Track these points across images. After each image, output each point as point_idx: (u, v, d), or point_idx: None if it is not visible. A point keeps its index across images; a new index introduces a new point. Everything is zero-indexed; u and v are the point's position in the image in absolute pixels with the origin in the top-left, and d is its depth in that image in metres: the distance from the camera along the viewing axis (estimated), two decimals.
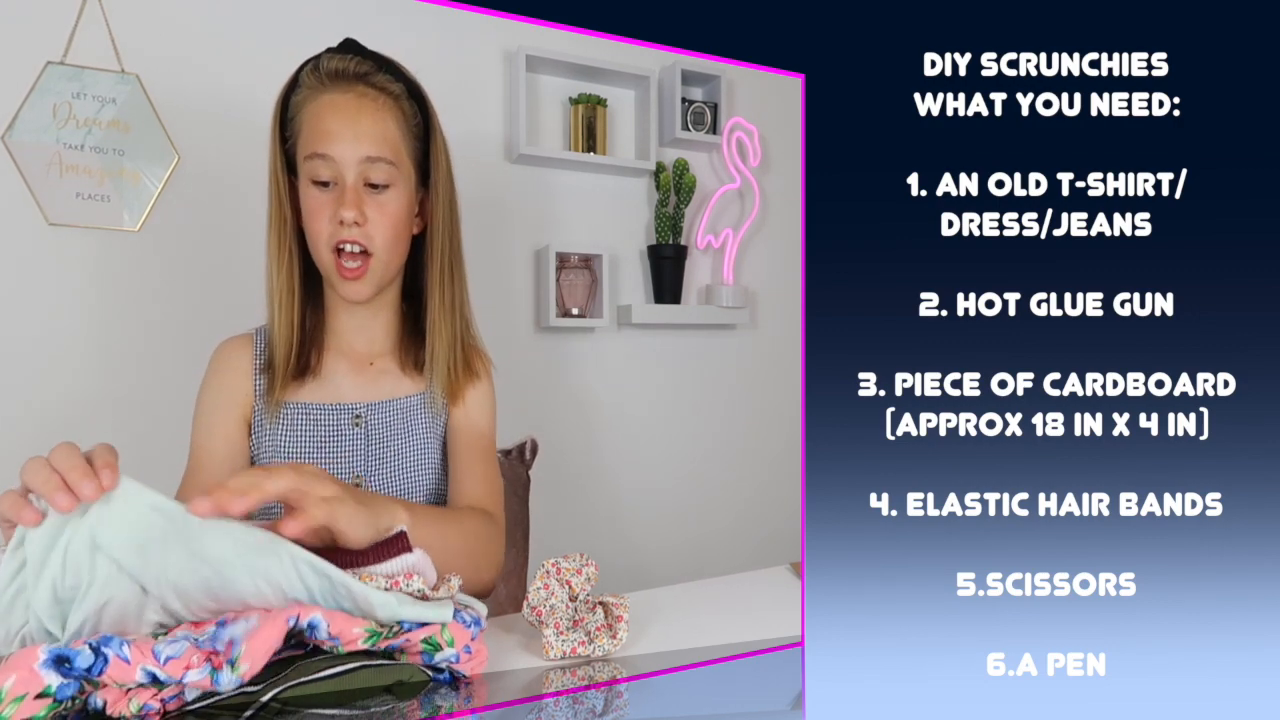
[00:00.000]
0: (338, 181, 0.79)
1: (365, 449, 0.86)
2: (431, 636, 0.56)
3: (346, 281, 0.81)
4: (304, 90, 0.81)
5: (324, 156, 0.79)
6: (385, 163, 0.80)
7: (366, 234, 0.80)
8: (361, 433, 0.86)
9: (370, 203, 0.80)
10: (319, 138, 0.79)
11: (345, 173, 0.79)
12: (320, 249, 0.81)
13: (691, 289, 2.02)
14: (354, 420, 0.86)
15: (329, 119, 0.79)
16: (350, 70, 0.80)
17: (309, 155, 0.79)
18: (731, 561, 2.05)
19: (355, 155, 0.79)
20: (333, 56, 0.81)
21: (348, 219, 0.78)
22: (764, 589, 0.86)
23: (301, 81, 0.81)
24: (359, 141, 0.79)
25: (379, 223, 0.81)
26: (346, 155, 0.79)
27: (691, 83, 1.96)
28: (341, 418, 0.86)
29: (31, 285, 1.38)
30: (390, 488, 0.86)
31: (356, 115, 0.79)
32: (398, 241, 0.84)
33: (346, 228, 0.79)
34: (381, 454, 0.86)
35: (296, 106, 0.81)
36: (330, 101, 0.79)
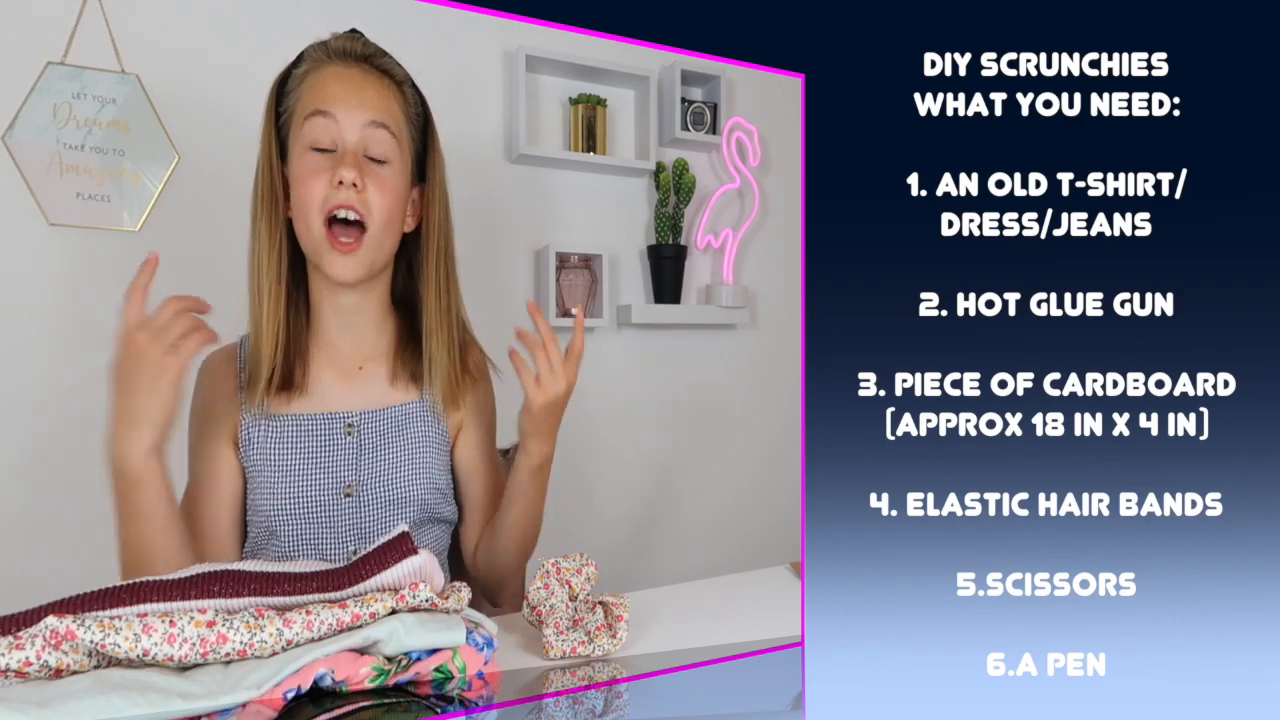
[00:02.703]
0: (337, 146, 0.76)
1: (358, 458, 0.83)
2: (443, 665, 0.55)
3: (337, 255, 0.76)
4: (307, 64, 0.79)
5: (326, 114, 0.75)
6: (388, 132, 0.78)
7: (364, 201, 0.76)
8: (354, 441, 0.83)
9: (370, 173, 0.77)
10: (322, 99, 0.76)
11: (346, 136, 0.76)
12: (311, 217, 0.76)
13: (691, 289, 2.02)
14: (346, 429, 0.83)
15: (333, 85, 0.77)
16: (357, 50, 0.79)
17: (309, 114, 0.76)
18: (731, 562, 2.05)
19: (360, 119, 0.76)
20: (339, 37, 0.80)
21: (347, 179, 0.74)
22: (764, 589, 0.86)
23: (305, 56, 0.79)
24: (363, 108, 0.77)
25: (378, 195, 0.77)
26: (350, 118, 0.76)
27: (691, 83, 1.96)
28: (334, 427, 0.83)
29: (31, 285, 1.38)
30: (383, 497, 0.83)
31: (362, 85, 0.78)
32: (393, 221, 0.80)
33: (345, 190, 0.75)
34: (374, 463, 0.83)
35: (297, 80, 0.79)
36: (335, 71, 0.78)
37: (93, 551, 1.41)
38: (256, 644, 0.51)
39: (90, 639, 0.47)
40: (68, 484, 1.40)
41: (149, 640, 0.49)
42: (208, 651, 0.50)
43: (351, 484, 0.82)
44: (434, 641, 0.54)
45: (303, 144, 0.77)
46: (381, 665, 0.53)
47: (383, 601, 0.54)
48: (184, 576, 0.54)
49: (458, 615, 0.58)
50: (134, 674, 0.48)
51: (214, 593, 0.53)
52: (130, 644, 0.48)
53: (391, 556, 0.56)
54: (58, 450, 1.40)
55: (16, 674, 0.47)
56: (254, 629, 0.51)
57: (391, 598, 0.55)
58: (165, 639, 0.49)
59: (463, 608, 0.58)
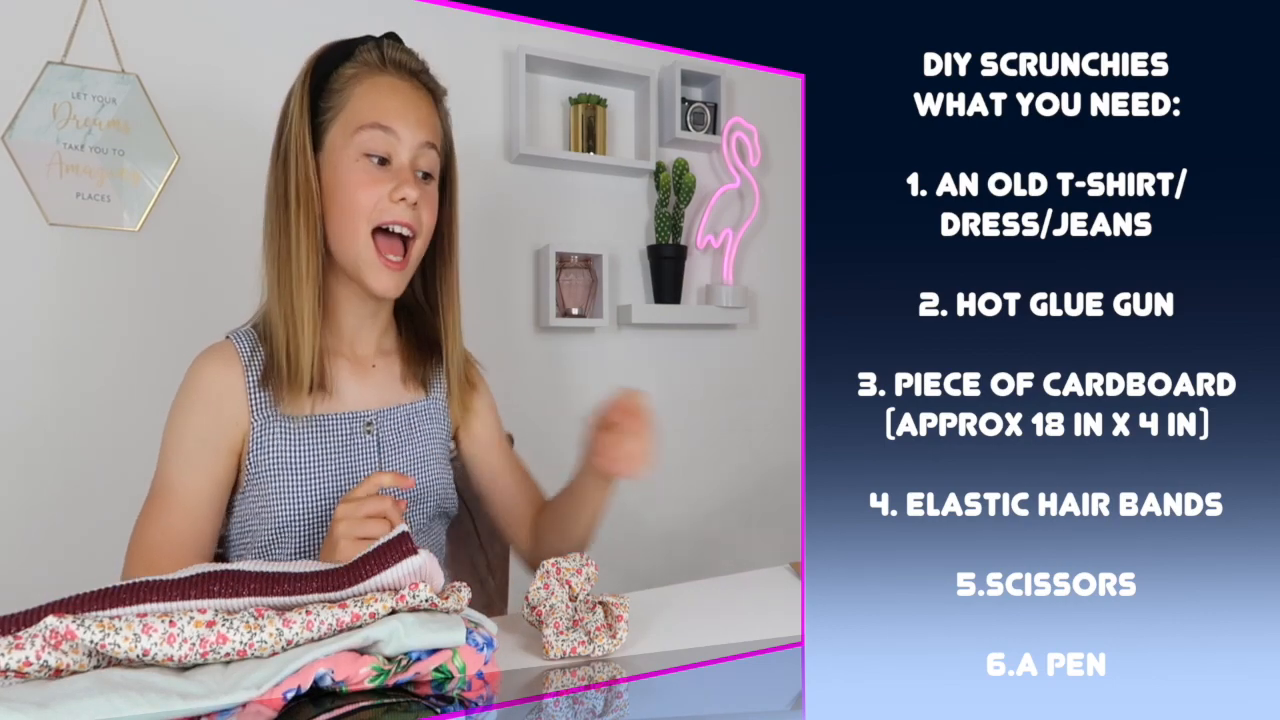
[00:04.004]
0: (392, 159, 0.77)
1: (379, 457, 0.83)
2: (443, 665, 0.55)
3: (385, 270, 0.77)
4: (359, 65, 0.78)
5: (387, 129, 0.76)
6: (436, 152, 0.80)
7: (418, 219, 0.78)
8: (373, 440, 0.83)
9: (422, 190, 0.79)
10: (382, 112, 0.76)
11: (403, 151, 0.77)
12: (359, 227, 0.76)
13: (691, 289, 2.01)
14: (365, 428, 0.83)
15: (392, 99, 0.78)
16: (411, 64, 0.81)
17: (366, 125, 0.76)
18: (731, 561, 2.05)
19: (416, 139, 0.78)
20: (391, 45, 0.81)
21: (410, 197, 0.76)
22: (764, 589, 0.86)
23: (358, 56, 0.79)
24: (420, 127, 0.78)
25: (427, 212, 0.79)
26: (409, 136, 0.77)
27: (691, 83, 1.96)
28: (353, 426, 0.83)
29: (31, 285, 1.38)
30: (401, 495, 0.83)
31: (418, 102, 0.80)
32: (430, 235, 0.82)
33: (404, 207, 0.76)
34: (394, 461, 0.84)
35: (347, 79, 0.78)
36: (392, 84, 0.79)
37: (93, 551, 1.41)
38: (256, 644, 0.51)
39: (90, 639, 0.47)
40: (67, 484, 1.40)
41: (149, 640, 0.49)
42: (207, 651, 0.50)
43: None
44: (434, 641, 0.54)
45: (354, 150, 0.76)
46: (381, 665, 0.53)
47: (383, 601, 0.54)
48: (184, 576, 0.54)
49: (458, 615, 0.57)
50: (134, 674, 0.48)
51: (214, 593, 0.53)
52: (130, 644, 0.48)
53: (391, 556, 0.56)
54: (57, 450, 1.40)
55: (16, 674, 0.47)
56: (254, 629, 0.51)
57: (391, 598, 0.55)
58: (165, 639, 0.49)
59: (463, 608, 0.58)
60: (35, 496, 1.38)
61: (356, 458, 0.82)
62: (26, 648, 0.47)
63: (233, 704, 0.48)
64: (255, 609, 0.53)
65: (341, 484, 0.81)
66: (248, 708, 0.48)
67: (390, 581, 0.56)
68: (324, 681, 0.51)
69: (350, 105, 0.77)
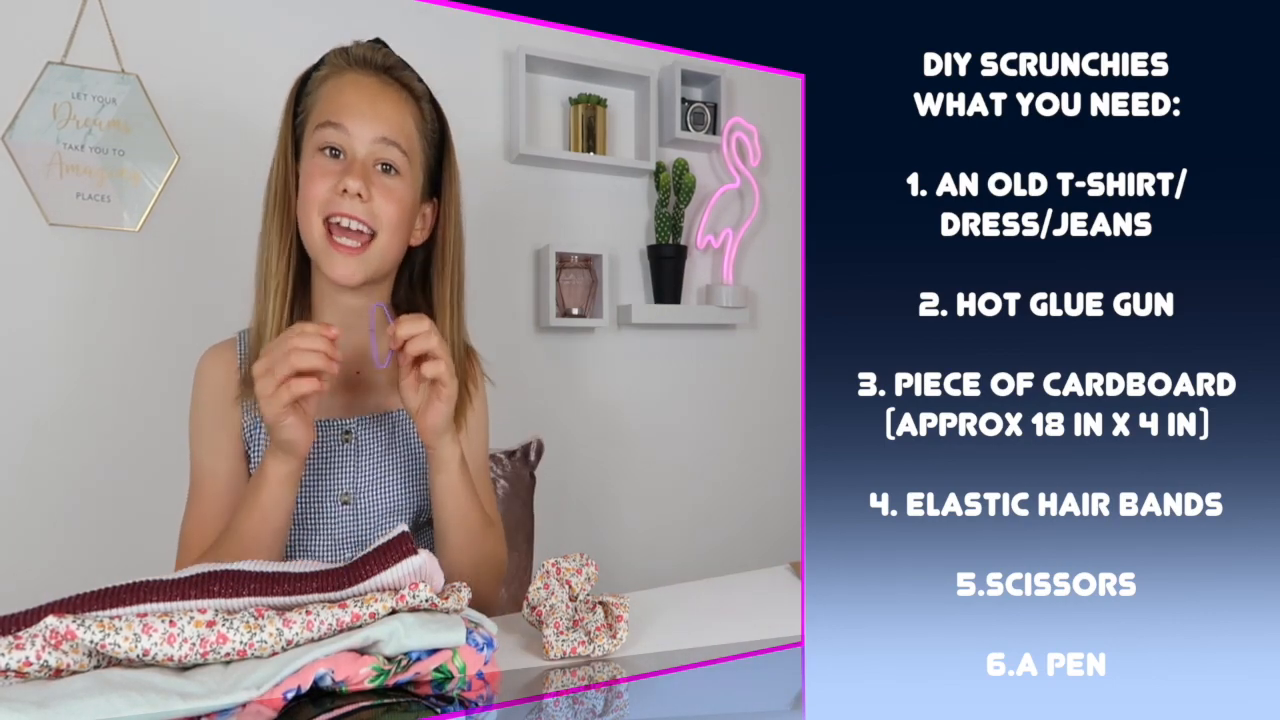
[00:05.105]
0: (346, 153, 0.76)
1: (355, 466, 0.81)
2: (443, 665, 0.55)
3: (338, 256, 0.75)
4: (327, 68, 0.79)
5: (337, 126, 0.76)
6: (399, 150, 0.78)
7: (371, 212, 0.76)
8: (351, 449, 0.82)
9: (378, 183, 0.77)
10: (335, 108, 0.76)
11: (356, 147, 0.76)
12: (312, 217, 0.75)
13: (691, 289, 2.02)
14: (343, 436, 0.82)
15: (349, 93, 0.77)
16: (378, 60, 0.80)
17: (321, 124, 0.76)
18: (731, 561, 2.05)
19: (370, 134, 0.76)
20: (361, 45, 0.80)
21: (351, 189, 0.74)
22: (764, 589, 0.86)
23: (326, 61, 0.80)
24: (376, 121, 0.77)
25: (384, 204, 0.77)
26: (362, 131, 0.76)
27: (691, 83, 1.96)
28: (330, 434, 0.81)
29: (31, 285, 1.38)
30: (380, 505, 0.82)
31: (377, 97, 0.78)
32: (400, 230, 0.79)
33: (348, 199, 0.74)
34: (372, 471, 0.82)
35: (316, 83, 0.79)
36: (353, 80, 0.78)
37: (93, 551, 1.41)
38: (256, 644, 0.51)
39: (90, 639, 0.47)
40: (68, 484, 1.40)
41: (149, 640, 0.49)
42: (208, 651, 0.50)
43: (349, 492, 0.81)
44: (434, 641, 0.54)
45: (313, 146, 0.77)
46: (381, 665, 0.53)
47: (382, 601, 0.54)
48: (184, 576, 0.54)
49: (458, 615, 0.58)
50: (134, 674, 0.48)
51: (214, 593, 0.53)
52: (130, 644, 0.48)
53: (391, 556, 0.56)
54: (57, 450, 1.40)
55: (16, 674, 0.47)
56: (254, 629, 0.51)
57: (391, 598, 0.55)
58: (165, 639, 0.49)
59: (463, 608, 0.58)
60: (35, 496, 1.38)
61: (333, 466, 0.81)
62: (26, 648, 0.47)
63: (233, 704, 0.48)
64: (255, 609, 0.53)
65: (314, 494, 0.80)
66: (248, 708, 0.48)
67: (390, 582, 0.56)
68: (324, 681, 0.51)
69: (317, 106, 0.78)
